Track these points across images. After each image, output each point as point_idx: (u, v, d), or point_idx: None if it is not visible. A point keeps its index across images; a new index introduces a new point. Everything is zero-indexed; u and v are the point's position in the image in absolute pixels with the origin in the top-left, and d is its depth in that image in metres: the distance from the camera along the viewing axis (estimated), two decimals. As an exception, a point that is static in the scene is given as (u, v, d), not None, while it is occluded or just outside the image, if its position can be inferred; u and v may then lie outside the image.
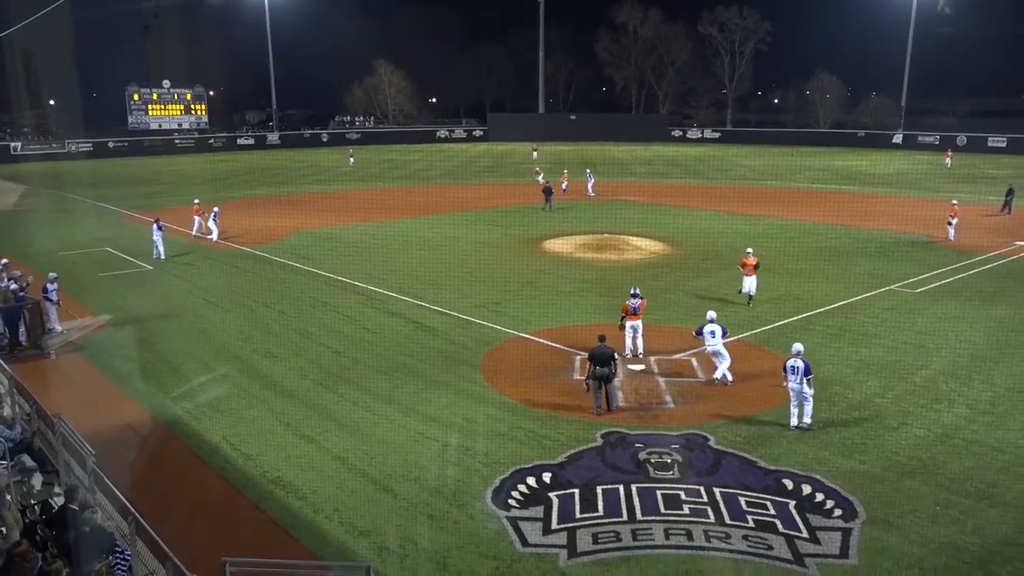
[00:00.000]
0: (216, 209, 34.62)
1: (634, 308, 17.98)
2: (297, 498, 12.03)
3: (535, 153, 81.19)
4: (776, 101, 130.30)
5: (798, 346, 14.71)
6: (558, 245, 31.89)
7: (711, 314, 16.93)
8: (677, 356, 17.99)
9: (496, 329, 20.24)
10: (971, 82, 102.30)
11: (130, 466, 13.21)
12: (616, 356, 15.39)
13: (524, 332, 20.00)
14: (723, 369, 16.50)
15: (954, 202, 34.87)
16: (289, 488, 12.32)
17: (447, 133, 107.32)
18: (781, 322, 20.72)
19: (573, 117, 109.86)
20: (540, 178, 50.12)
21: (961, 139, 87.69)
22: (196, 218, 34.61)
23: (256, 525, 11.39)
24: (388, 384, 16.58)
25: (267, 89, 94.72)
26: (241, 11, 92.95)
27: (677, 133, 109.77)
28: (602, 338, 15.47)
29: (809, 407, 14.23)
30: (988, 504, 11.72)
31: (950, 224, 33.06)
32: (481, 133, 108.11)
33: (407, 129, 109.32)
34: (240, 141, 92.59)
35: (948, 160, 75.57)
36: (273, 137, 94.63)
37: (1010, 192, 41.39)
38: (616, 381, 15.62)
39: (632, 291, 18.34)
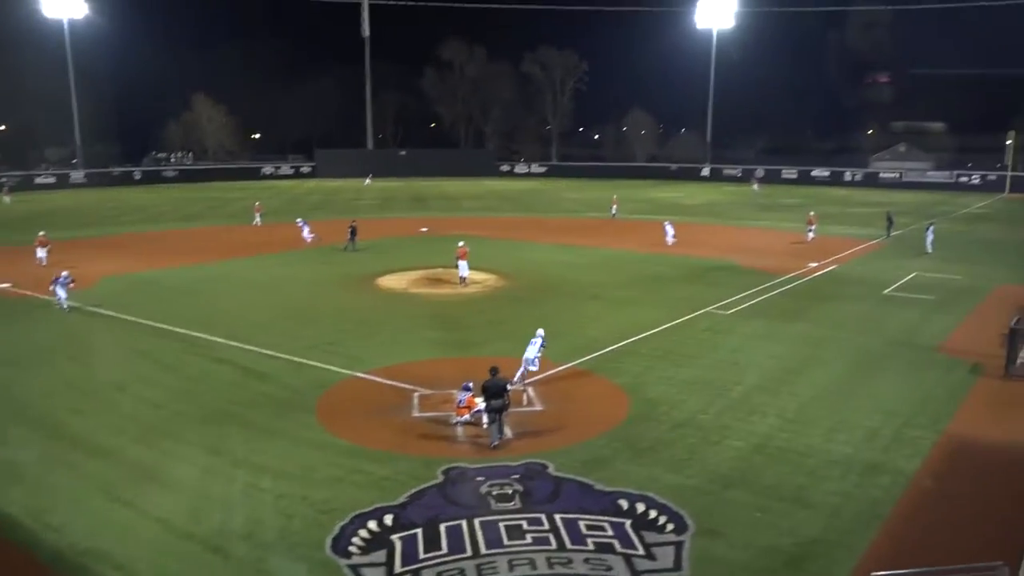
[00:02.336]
0: None
1: (460, 402, 16.35)
2: (113, 568, 10.99)
3: (368, 180, 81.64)
4: (596, 137, 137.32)
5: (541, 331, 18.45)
6: (392, 281, 31.62)
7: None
8: (512, 387, 18.31)
9: (331, 370, 19.68)
10: (765, 121, 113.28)
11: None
12: (508, 387, 15.36)
13: (360, 371, 19.58)
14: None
15: (811, 213, 45.25)
16: (104, 559, 11.24)
17: (273, 169, 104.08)
18: (610, 348, 21.61)
19: (403, 153, 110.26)
20: (259, 216, 49.42)
21: (759, 171, 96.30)
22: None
23: (65, 604, 10.26)
24: (215, 435, 15.63)
25: (70, 123, 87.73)
26: (37, 37, 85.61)
27: (505, 168, 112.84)
28: (494, 370, 15.41)
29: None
30: (800, 507, 12.74)
31: (809, 229, 42.95)
32: (309, 169, 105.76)
33: (229, 166, 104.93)
34: (39, 180, 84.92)
35: (756, 187, 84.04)
36: (78, 175, 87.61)
37: (889, 219, 46.38)
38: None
39: (464, 385, 16.35)
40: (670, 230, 41.94)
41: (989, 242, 44.54)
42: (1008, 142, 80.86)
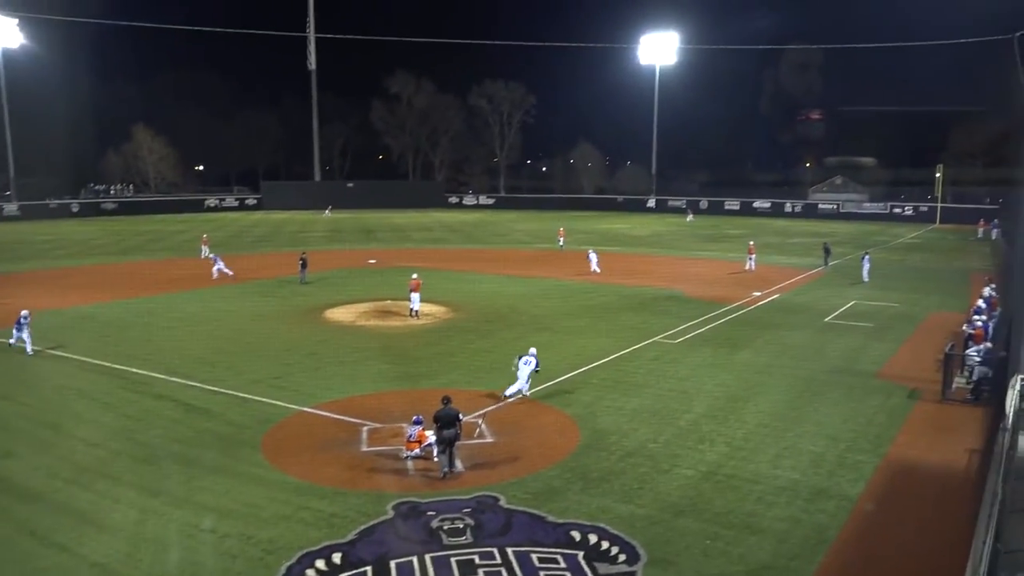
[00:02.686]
0: None
1: (410, 436, 15.94)
2: (45, 618, 10.47)
3: (328, 212, 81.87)
4: (544, 169, 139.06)
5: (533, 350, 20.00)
6: (340, 314, 31.26)
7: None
8: (464, 419, 18.18)
9: (277, 405, 19.28)
10: (708, 154, 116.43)
11: None
12: (461, 417, 15.20)
13: (307, 406, 19.22)
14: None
15: (751, 243, 46.24)
16: (34, 608, 10.70)
17: (217, 201, 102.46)
18: (561, 378, 21.66)
19: (350, 185, 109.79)
20: (205, 249, 48.41)
21: (703, 203, 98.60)
22: None
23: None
24: (155, 475, 15.13)
25: (2, 154, 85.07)
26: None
27: (454, 199, 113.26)
28: (446, 400, 15.23)
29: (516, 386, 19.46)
30: (749, 533, 12.87)
31: (749, 259, 44.06)
32: (255, 201, 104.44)
33: (171, 198, 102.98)
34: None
35: (690, 217, 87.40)
36: (11, 208, 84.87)
37: (827, 249, 47.88)
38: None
39: (414, 419, 16.10)
40: (594, 258, 43.58)
41: (922, 271, 46.19)
42: (937, 175, 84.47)
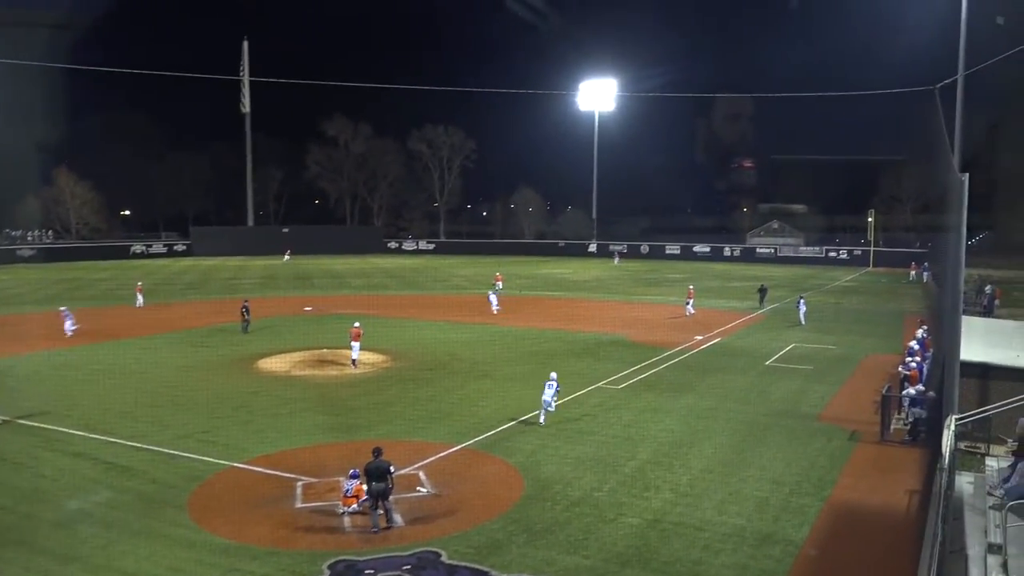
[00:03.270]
0: None
1: (347, 491, 15.59)
2: None
3: (286, 257, 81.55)
4: (485, 213, 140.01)
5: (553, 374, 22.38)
6: (273, 364, 30.61)
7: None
8: (404, 471, 17.87)
9: (205, 461, 18.63)
10: (648, 199, 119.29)
11: None
12: (392, 470, 14.84)
13: (238, 462, 18.63)
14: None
15: (690, 287, 47.43)
16: None
17: (144, 248, 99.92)
18: (503, 427, 21.53)
19: (286, 230, 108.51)
20: (140, 297, 47.84)
21: (644, 247, 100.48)
22: None
23: None
24: (70, 540, 14.38)
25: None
26: None
27: (393, 245, 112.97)
28: (377, 451, 14.89)
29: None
30: (696, 582, 12.86)
31: (688, 303, 44.39)
32: (184, 247, 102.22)
33: (95, 244, 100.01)
34: None
35: (617, 260, 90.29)
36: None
37: (762, 290, 49.43)
38: (392, 497, 14.98)
39: (351, 473, 15.76)
40: (494, 299, 44.62)
41: (858, 313, 47.74)
42: (869, 219, 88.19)
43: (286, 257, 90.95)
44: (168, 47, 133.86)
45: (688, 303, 45.00)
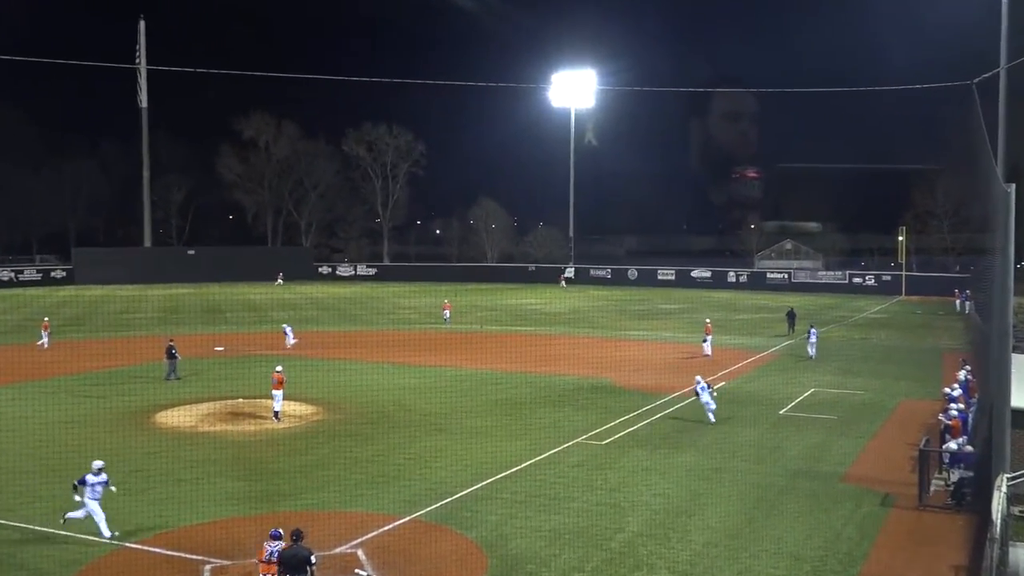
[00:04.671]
0: None
1: (270, 554, 15.16)
2: None
3: (279, 280, 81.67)
4: (438, 232, 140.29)
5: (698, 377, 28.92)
6: (176, 417, 30.14)
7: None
8: (339, 549, 17.62)
9: (88, 541, 18.20)
10: (636, 215, 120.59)
11: None
12: (313, 560, 14.49)
13: (130, 541, 18.24)
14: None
15: (707, 320, 48.13)
16: None
17: (12, 275, 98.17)
18: (461, 493, 21.38)
19: (192, 252, 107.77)
20: (45, 336, 47.23)
21: (632, 272, 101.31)
22: None
23: None
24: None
25: None
26: None
27: (325, 270, 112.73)
28: (296, 535, 14.57)
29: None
30: None
31: (705, 342, 45.16)
32: (63, 274, 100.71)
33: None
34: None
35: (563, 284, 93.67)
36: None
37: (791, 315, 50.63)
38: None
39: (272, 532, 15.39)
40: (290, 332, 46.07)
41: (888, 351, 48.47)
42: (900, 239, 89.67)
43: (278, 281, 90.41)
44: (46, 26, 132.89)
45: (705, 341, 45.33)
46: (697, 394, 29.53)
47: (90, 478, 18.73)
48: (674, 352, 45.39)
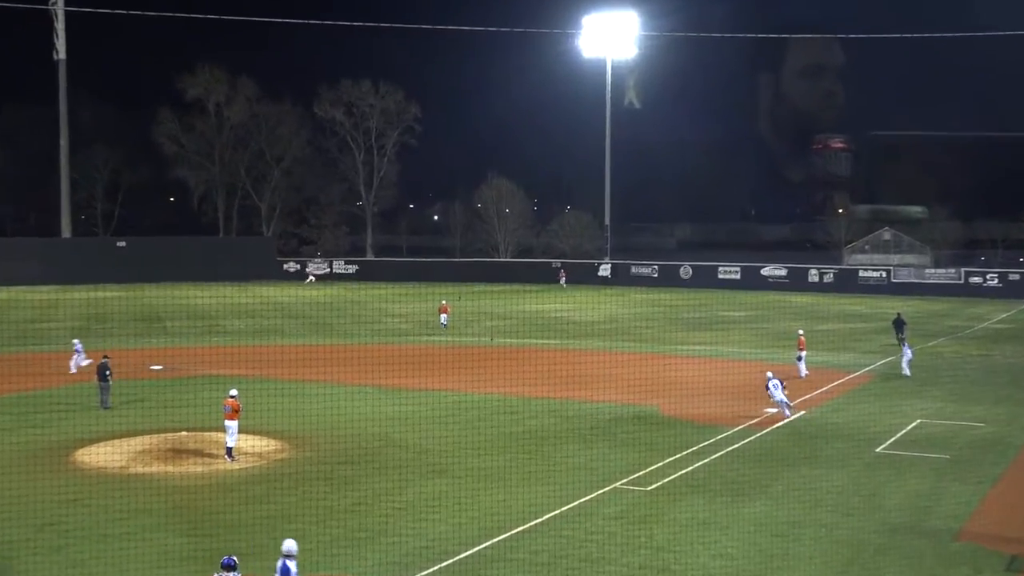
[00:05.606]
0: None
1: None
2: None
3: (310, 278, 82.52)
4: (436, 218, 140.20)
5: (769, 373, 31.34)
6: (102, 455, 30.24)
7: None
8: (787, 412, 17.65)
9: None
10: (690, 198, 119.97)
11: None
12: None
13: (43, 613, 18.29)
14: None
15: (800, 332, 47.68)
16: None
17: None
18: (465, 553, 21.34)
19: (122, 244, 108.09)
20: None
21: (686, 270, 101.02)
22: None
23: None
24: None
25: None
26: None
27: (292, 267, 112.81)
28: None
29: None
30: None
31: (799, 359, 45.39)
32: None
33: None
34: None
35: (562, 281, 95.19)
36: None
37: (899, 323, 52.26)
38: None
39: (224, 561, 15.96)
40: (81, 350, 45.64)
41: (1017, 371, 48.09)
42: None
43: (310, 279, 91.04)
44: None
45: (800, 357, 45.41)
46: (770, 392, 32.96)
47: None
48: (739, 372, 45.09)
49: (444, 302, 65.82)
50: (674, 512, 24.55)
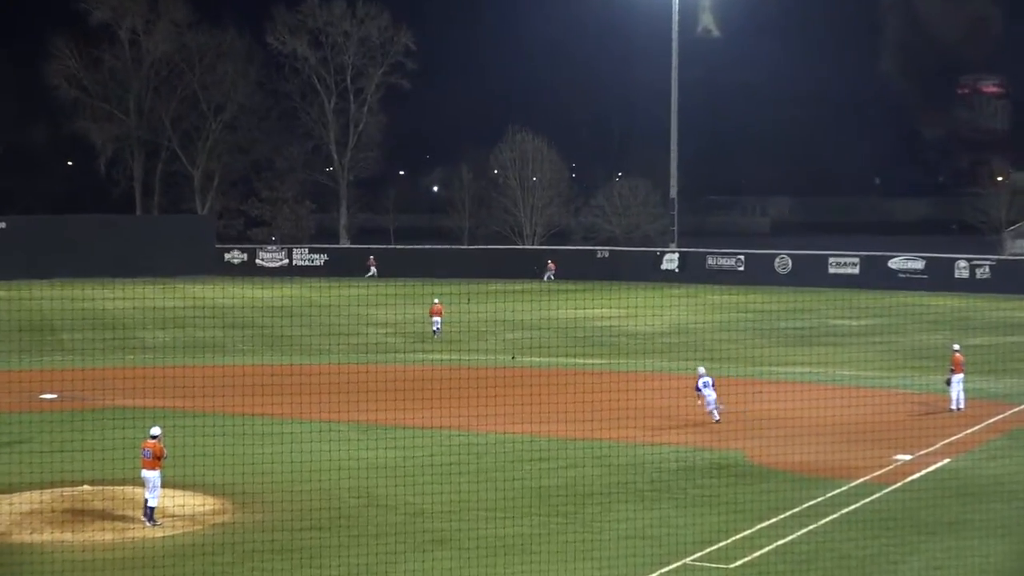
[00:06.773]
0: None
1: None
2: None
3: (371, 270, 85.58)
4: (436, 190, 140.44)
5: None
6: (-28, 518, 30.46)
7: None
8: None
9: None
10: (786, 163, 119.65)
11: None
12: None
13: None
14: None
15: (955, 347, 47.54)
16: None
17: None
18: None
19: (2, 225, 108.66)
20: None
21: (783, 262, 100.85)
22: None
23: None
24: None
25: None
26: None
27: (237, 256, 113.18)
28: None
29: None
30: None
31: (949, 383, 45.15)
32: None
33: None
34: None
35: (549, 275, 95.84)
36: None
37: None
38: None
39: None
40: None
41: None
42: None
43: (371, 271, 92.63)
44: None
45: (951, 382, 45.08)
46: (703, 395, 35.65)
47: None
48: (858, 404, 45.03)
49: (437, 301, 66.86)
50: (768, 600, 24.54)
